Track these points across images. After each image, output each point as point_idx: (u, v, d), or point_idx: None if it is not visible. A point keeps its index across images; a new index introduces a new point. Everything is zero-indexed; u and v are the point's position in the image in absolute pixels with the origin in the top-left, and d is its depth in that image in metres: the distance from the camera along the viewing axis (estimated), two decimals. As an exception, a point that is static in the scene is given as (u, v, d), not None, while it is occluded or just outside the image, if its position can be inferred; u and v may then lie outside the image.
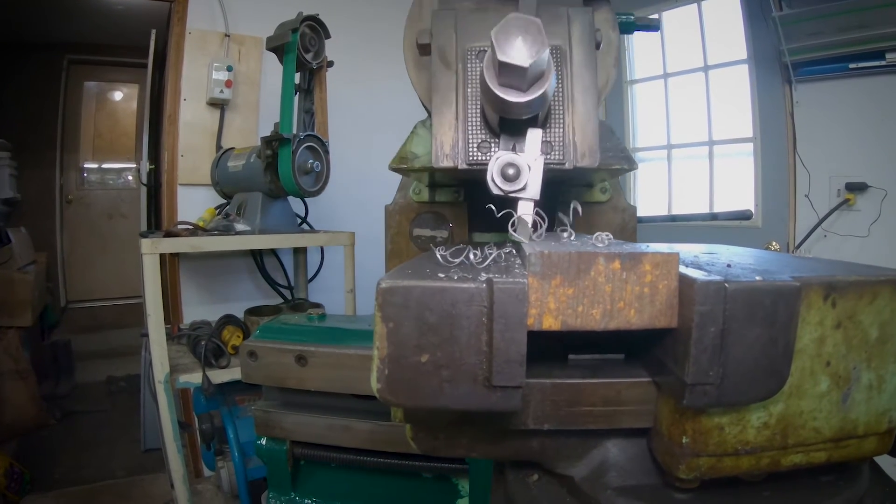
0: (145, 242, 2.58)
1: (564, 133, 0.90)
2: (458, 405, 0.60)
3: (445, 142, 0.90)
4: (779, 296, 0.57)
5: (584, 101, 0.91)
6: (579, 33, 0.93)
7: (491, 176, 0.80)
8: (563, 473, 0.75)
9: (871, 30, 2.99)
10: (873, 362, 0.69)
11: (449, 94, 0.91)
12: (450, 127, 0.90)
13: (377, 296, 0.58)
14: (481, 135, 0.90)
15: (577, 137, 0.90)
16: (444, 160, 0.90)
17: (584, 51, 0.93)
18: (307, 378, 1.48)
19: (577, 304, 0.59)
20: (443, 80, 0.92)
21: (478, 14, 0.95)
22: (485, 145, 0.89)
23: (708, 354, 0.56)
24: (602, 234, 0.70)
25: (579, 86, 0.91)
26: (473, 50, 0.92)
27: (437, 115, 0.91)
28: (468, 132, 0.90)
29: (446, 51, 0.93)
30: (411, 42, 1.13)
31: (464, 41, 0.93)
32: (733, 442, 0.64)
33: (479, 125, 0.90)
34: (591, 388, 0.69)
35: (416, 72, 1.17)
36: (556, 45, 0.92)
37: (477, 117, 0.90)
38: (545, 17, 0.87)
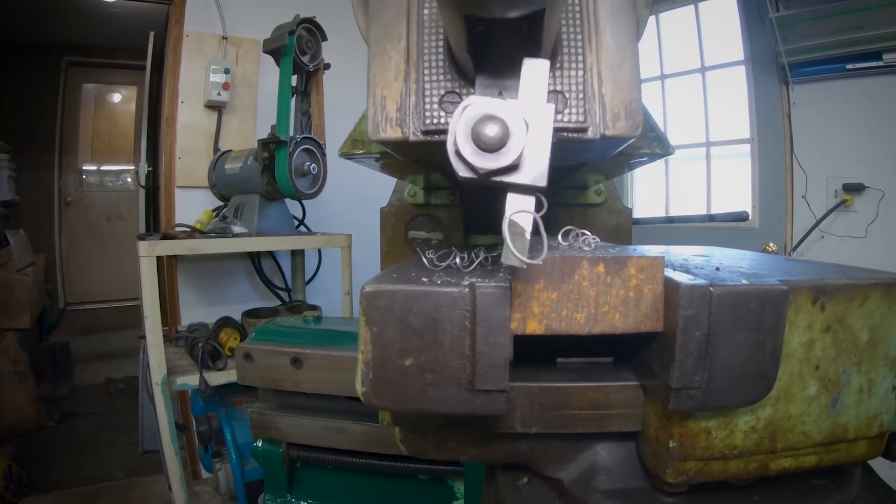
0: (142, 245, 2.58)
1: (585, 80, 0.57)
2: (442, 409, 0.60)
3: (389, 97, 0.60)
4: (765, 299, 0.57)
5: (614, 31, 0.58)
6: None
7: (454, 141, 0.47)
8: (553, 476, 0.75)
9: (868, 30, 2.99)
10: (863, 366, 0.68)
11: (396, 21, 0.60)
12: (397, 73, 0.60)
13: (361, 300, 0.58)
14: (446, 82, 0.58)
15: (605, 88, 0.57)
16: (387, 129, 0.60)
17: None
18: (302, 380, 1.48)
19: (561, 308, 0.59)
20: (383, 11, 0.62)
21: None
22: (451, 98, 0.58)
23: (693, 359, 0.56)
24: (590, 236, 0.69)
25: (607, 8, 0.58)
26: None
27: (377, 55, 0.62)
28: (424, 78, 0.59)
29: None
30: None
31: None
32: (721, 446, 0.64)
33: (442, 66, 0.58)
34: (579, 392, 0.69)
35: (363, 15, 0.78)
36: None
37: (440, 53, 0.58)
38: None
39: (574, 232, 0.74)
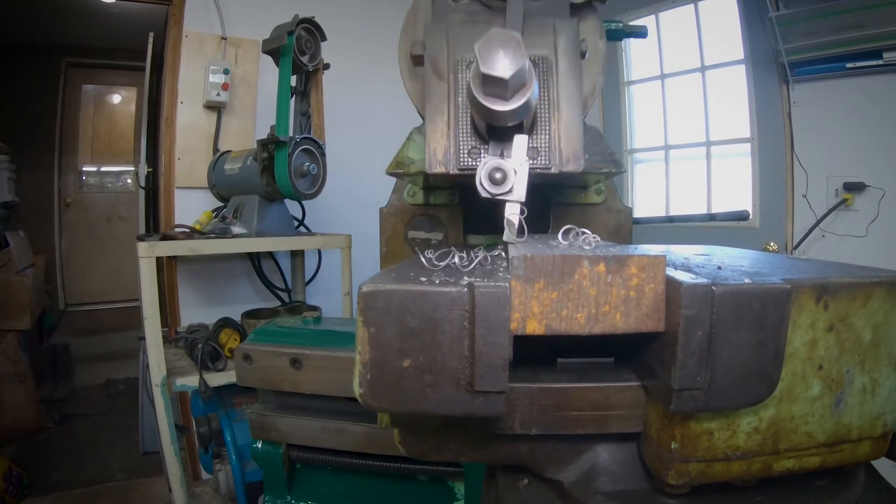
0: (142, 245, 2.57)
1: (550, 139, 0.93)
2: (440, 410, 0.59)
3: (438, 148, 0.93)
4: (768, 299, 0.56)
5: (568, 108, 0.94)
6: (565, 44, 0.96)
7: (479, 180, 0.82)
8: (553, 478, 0.74)
9: (868, 29, 2.98)
10: (867, 365, 0.68)
11: (441, 104, 0.94)
12: (442, 135, 0.93)
13: (359, 300, 0.58)
14: (471, 141, 0.93)
15: (562, 143, 0.93)
16: (437, 166, 0.92)
17: (570, 61, 0.96)
18: (302, 381, 1.48)
19: (561, 307, 0.58)
20: (435, 89, 0.95)
21: (468, 26, 0.99)
22: (474, 151, 0.92)
23: (695, 359, 0.56)
24: (590, 235, 0.69)
25: (564, 94, 0.94)
26: (464, 61, 0.95)
27: (430, 123, 0.94)
28: (459, 139, 0.93)
29: (438, 62, 0.96)
30: (406, 52, 1.18)
31: (455, 52, 0.96)
32: (723, 447, 0.63)
33: (469, 132, 0.93)
34: (579, 392, 0.68)
35: (410, 81, 1.21)
36: (542, 55, 0.95)
37: (467, 125, 0.93)
38: (532, 29, 0.96)
39: (574, 231, 0.73)
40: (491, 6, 1.06)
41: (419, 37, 1.08)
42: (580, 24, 1.09)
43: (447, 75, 0.95)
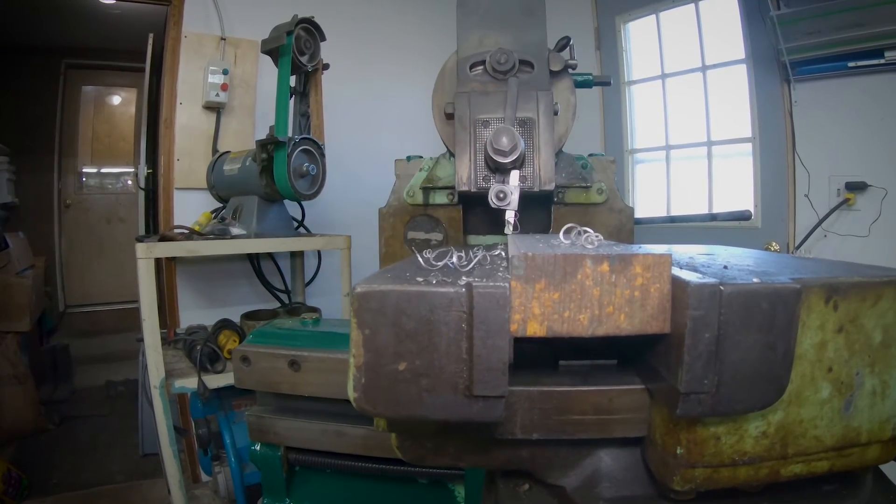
0: (140, 247, 2.56)
1: (533, 170, 1.42)
2: (438, 415, 0.58)
3: (463, 175, 1.42)
4: (777, 299, 0.55)
5: (545, 150, 1.43)
6: (543, 109, 1.46)
7: (490, 198, 1.29)
8: (555, 483, 0.73)
9: (870, 28, 2.97)
10: (877, 367, 0.66)
11: (465, 147, 1.43)
12: (466, 167, 1.42)
13: (352, 301, 0.56)
14: (484, 172, 1.41)
15: (541, 172, 1.42)
16: (463, 186, 1.42)
17: (546, 119, 1.45)
18: (300, 383, 1.47)
19: (563, 308, 0.57)
20: (462, 138, 1.44)
21: (482, 97, 1.48)
22: (486, 178, 1.40)
23: (702, 361, 0.54)
24: (592, 234, 0.67)
25: (543, 141, 1.43)
26: (480, 120, 1.45)
27: (458, 159, 1.43)
28: (477, 171, 1.42)
29: (464, 120, 1.45)
30: (439, 105, 1.63)
31: (475, 113, 1.45)
32: (730, 452, 0.62)
33: (482, 167, 1.41)
34: (582, 396, 0.66)
35: (442, 126, 1.64)
36: (528, 117, 1.45)
37: (481, 162, 1.41)
38: (523, 99, 1.45)
39: (576, 230, 0.71)
40: (496, 78, 1.50)
41: (447, 95, 1.60)
42: (557, 83, 1.61)
43: (469, 129, 1.44)
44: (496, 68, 1.49)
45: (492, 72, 1.50)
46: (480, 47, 1.54)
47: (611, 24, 4.42)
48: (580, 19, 4.51)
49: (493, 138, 1.25)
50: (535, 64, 1.52)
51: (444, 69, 1.67)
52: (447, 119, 1.57)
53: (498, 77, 1.49)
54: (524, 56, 1.51)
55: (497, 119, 1.43)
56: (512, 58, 1.48)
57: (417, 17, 4.48)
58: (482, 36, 1.55)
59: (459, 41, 1.57)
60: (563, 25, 4.41)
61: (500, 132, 1.25)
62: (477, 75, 1.51)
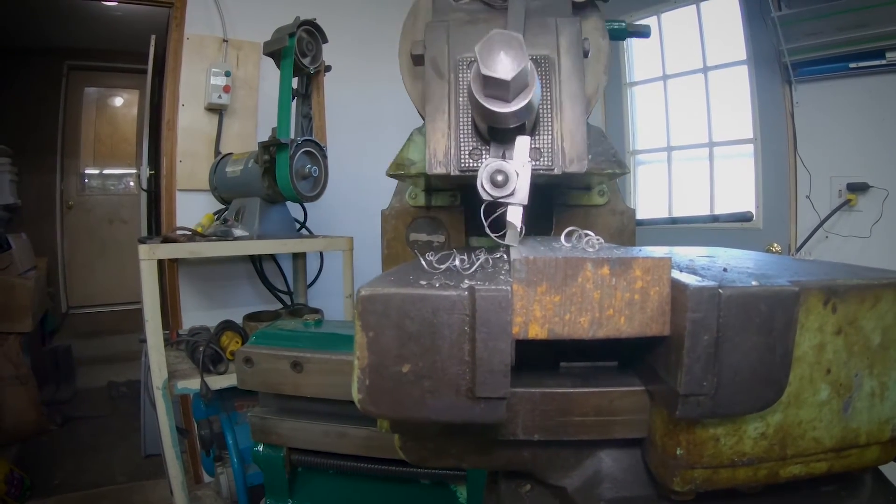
0: (143, 248, 2.56)
1: (553, 140, 0.91)
2: (440, 417, 0.58)
3: (438, 149, 0.92)
4: (776, 301, 0.55)
5: (571, 108, 0.92)
6: (567, 43, 0.95)
7: (480, 182, 0.79)
8: (556, 484, 0.73)
9: (871, 29, 2.97)
10: (875, 369, 0.67)
11: (441, 104, 0.93)
12: (443, 135, 0.92)
13: (356, 304, 0.57)
14: (472, 142, 0.91)
15: (565, 144, 0.91)
16: (437, 167, 0.91)
17: (572, 60, 0.95)
18: (303, 384, 1.47)
19: (564, 311, 0.57)
20: (435, 89, 0.94)
21: (469, 26, 0.99)
22: (476, 152, 0.90)
23: (701, 364, 0.54)
24: (593, 237, 0.68)
25: (567, 94, 0.93)
26: (465, 60, 0.94)
27: (430, 123, 0.93)
28: (460, 140, 0.91)
29: (438, 61, 0.96)
30: (406, 52, 1.15)
31: (455, 52, 0.95)
32: (729, 453, 0.62)
33: (470, 133, 0.91)
34: (583, 398, 0.67)
35: (410, 81, 1.18)
36: (544, 54, 0.95)
37: (468, 126, 0.91)
38: (534, 28, 0.96)
39: (577, 233, 0.72)
40: (492, 5, 1.04)
41: (420, 37, 1.05)
42: (582, 22, 1.05)
43: (448, 75, 0.94)
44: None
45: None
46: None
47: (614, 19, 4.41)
48: (581, 20, 4.51)
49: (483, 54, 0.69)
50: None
51: (419, 3, 1.19)
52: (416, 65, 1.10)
53: (494, 3, 1.04)
54: None
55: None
56: None
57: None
58: None
59: None
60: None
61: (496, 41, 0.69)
62: (463, 3, 1.07)
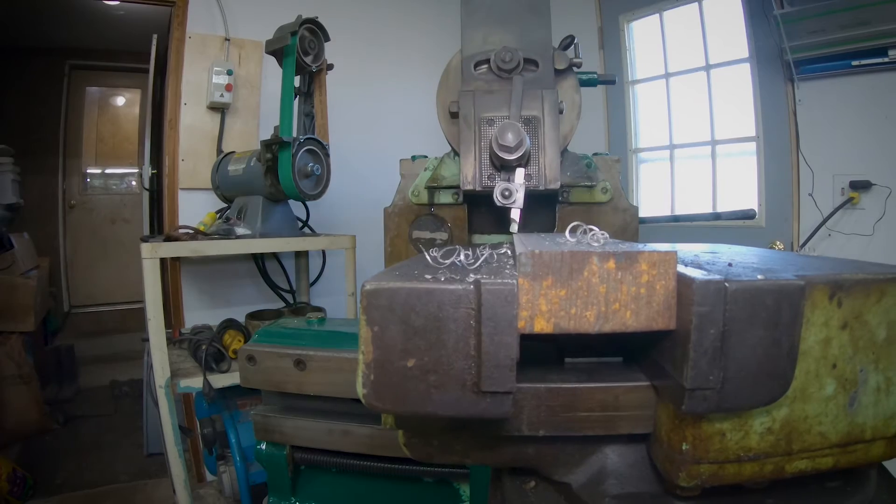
0: (145, 247, 2.57)
1: (539, 168, 1.42)
2: (446, 412, 0.58)
3: (468, 174, 1.41)
4: (782, 295, 0.55)
5: (550, 148, 1.42)
6: (548, 107, 1.44)
7: (496, 196, 1.27)
8: (561, 480, 0.73)
9: (874, 26, 2.96)
10: (881, 364, 0.66)
11: (469, 146, 1.42)
12: (470, 165, 1.41)
13: (361, 298, 0.57)
14: (489, 170, 1.40)
15: (546, 171, 1.41)
16: (467, 185, 1.41)
17: (551, 118, 1.43)
18: (306, 382, 1.47)
19: (569, 305, 0.57)
20: (466, 136, 1.43)
21: (487, 95, 1.47)
22: (491, 177, 1.39)
23: (708, 358, 0.54)
24: (598, 232, 0.67)
25: (548, 140, 1.42)
26: (485, 118, 1.43)
27: (463, 157, 1.42)
28: (482, 169, 1.41)
29: (468, 118, 1.44)
30: (443, 104, 1.63)
31: (479, 112, 1.44)
32: (735, 448, 0.62)
33: (487, 165, 1.40)
34: (588, 393, 0.67)
35: (446, 124, 1.63)
36: (534, 115, 1.43)
37: (486, 160, 1.40)
38: (528, 97, 1.44)
39: (582, 228, 0.72)
40: (500, 77, 1.50)
41: (452, 94, 1.59)
42: (562, 82, 1.60)
43: (474, 127, 1.42)
44: (501, 67, 1.49)
45: (496, 70, 1.50)
46: (485, 45, 1.54)
47: (614, 23, 4.42)
48: (584, 19, 4.52)
49: (499, 134, 1.24)
50: (539, 62, 1.52)
51: (449, 68, 1.67)
52: (451, 118, 1.56)
53: (502, 76, 1.49)
54: (529, 54, 1.51)
55: (502, 117, 1.42)
56: (516, 56, 1.49)
57: (421, 16, 4.48)
58: (486, 34, 1.55)
59: (464, 39, 1.57)
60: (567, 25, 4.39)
61: (506, 128, 1.24)
62: (481, 74, 1.52)
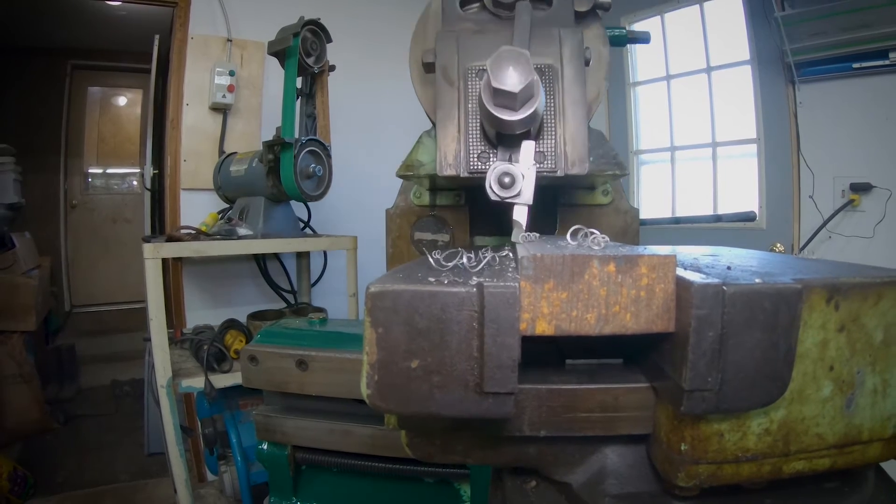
0: (147, 247, 2.58)
1: (556, 144, 0.97)
2: (449, 412, 0.59)
3: (448, 152, 0.97)
4: (780, 298, 0.56)
5: (574, 114, 0.97)
6: (570, 53, 1.01)
7: (489, 184, 0.86)
8: (561, 480, 0.74)
9: (874, 29, 2.98)
10: (878, 366, 0.67)
11: (451, 110, 0.98)
12: (452, 139, 0.97)
13: (366, 300, 0.58)
14: (481, 146, 0.96)
15: (567, 148, 0.96)
16: (447, 169, 0.96)
17: (574, 68, 1.00)
18: (308, 382, 1.48)
19: (571, 308, 0.58)
20: (446, 96, 0.99)
21: (477, 36, 1.05)
22: (484, 155, 0.96)
23: (706, 360, 0.55)
24: (599, 235, 0.68)
25: (570, 100, 0.98)
26: (473, 69, 0.99)
27: (441, 128, 0.98)
28: (469, 144, 0.97)
29: (449, 69, 1.01)
30: (417, 59, 1.20)
31: (465, 61, 1.00)
32: (733, 449, 0.63)
33: (478, 137, 0.97)
34: (588, 394, 0.68)
35: (421, 87, 1.23)
36: (548, 63, 1.00)
37: (477, 130, 0.97)
38: (538, 38, 1.01)
39: (583, 231, 0.73)
40: (499, 15, 1.09)
41: (430, 43, 1.10)
42: (584, 31, 1.10)
43: (458, 82, 1.00)
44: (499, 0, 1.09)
45: (492, 7, 1.10)
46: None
47: (616, 25, 4.42)
48: (584, 20, 4.52)
49: (493, 69, 0.78)
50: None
51: (428, 12, 1.26)
52: (427, 73, 1.15)
53: (501, 13, 1.09)
54: None
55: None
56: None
57: (423, 17, 4.49)
58: None
59: None
60: (568, 27, 4.43)
61: (504, 58, 0.77)
62: (471, 13, 1.13)
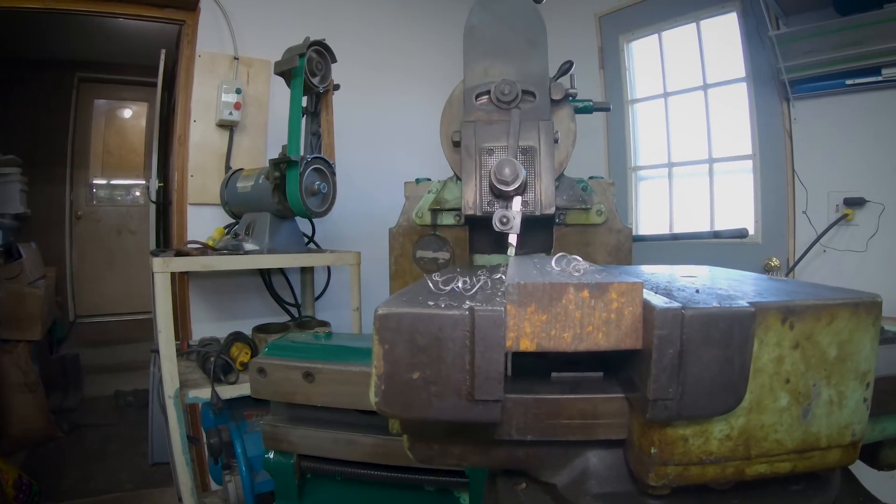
0: (157, 261, 2.64)
1: (535, 195, 1.50)
2: (445, 416, 0.68)
3: (469, 200, 1.50)
4: (734, 320, 0.64)
5: (546, 176, 1.51)
6: (544, 137, 1.53)
7: (494, 222, 1.35)
8: (548, 481, 0.82)
9: (867, 46, 3.02)
10: (833, 379, 0.74)
11: (471, 173, 1.51)
12: (472, 192, 1.50)
13: (375, 321, 0.67)
14: (489, 197, 1.49)
15: (542, 197, 1.50)
16: (469, 210, 1.50)
17: (547, 148, 1.53)
18: (314, 394, 1.52)
19: (550, 328, 0.67)
20: (468, 164, 1.52)
21: (488, 125, 1.56)
22: (491, 203, 1.48)
23: (667, 373, 0.64)
24: (580, 262, 0.77)
25: (544, 168, 1.51)
26: (486, 148, 1.52)
27: (465, 184, 1.51)
28: (482, 196, 1.50)
29: (469, 148, 1.53)
30: (447, 131, 1.72)
31: (480, 142, 1.53)
32: (698, 452, 0.71)
33: (487, 192, 1.49)
34: (570, 403, 0.76)
35: (449, 151, 1.72)
36: (530, 145, 1.52)
37: (486, 188, 1.49)
38: (525, 128, 1.53)
39: (566, 258, 0.81)
40: (500, 108, 1.58)
41: (455, 123, 1.69)
42: (558, 111, 1.69)
43: (475, 156, 1.52)
44: (500, 98, 1.58)
45: (496, 102, 1.58)
46: (486, 77, 1.62)
47: (614, 43, 4.50)
48: (584, 39, 4.59)
49: (497, 169, 1.34)
50: (536, 94, 1.60)
51: (452, 98, 1.77)
52: (454, 146, 1.67)
53: (502, 107, 1.58)
54: (527, 86, 1.59)
55: (501, 147, 1.52)
56: (515, 88, 1.57)
57: (426, 40, 4.58)
58: (487, 66, 1.64)
59: (466, 71, 1.65)
60: (569, 45, 4.51)
61: (503, 164, 1.34)
62: (482, 104, 1.60)
